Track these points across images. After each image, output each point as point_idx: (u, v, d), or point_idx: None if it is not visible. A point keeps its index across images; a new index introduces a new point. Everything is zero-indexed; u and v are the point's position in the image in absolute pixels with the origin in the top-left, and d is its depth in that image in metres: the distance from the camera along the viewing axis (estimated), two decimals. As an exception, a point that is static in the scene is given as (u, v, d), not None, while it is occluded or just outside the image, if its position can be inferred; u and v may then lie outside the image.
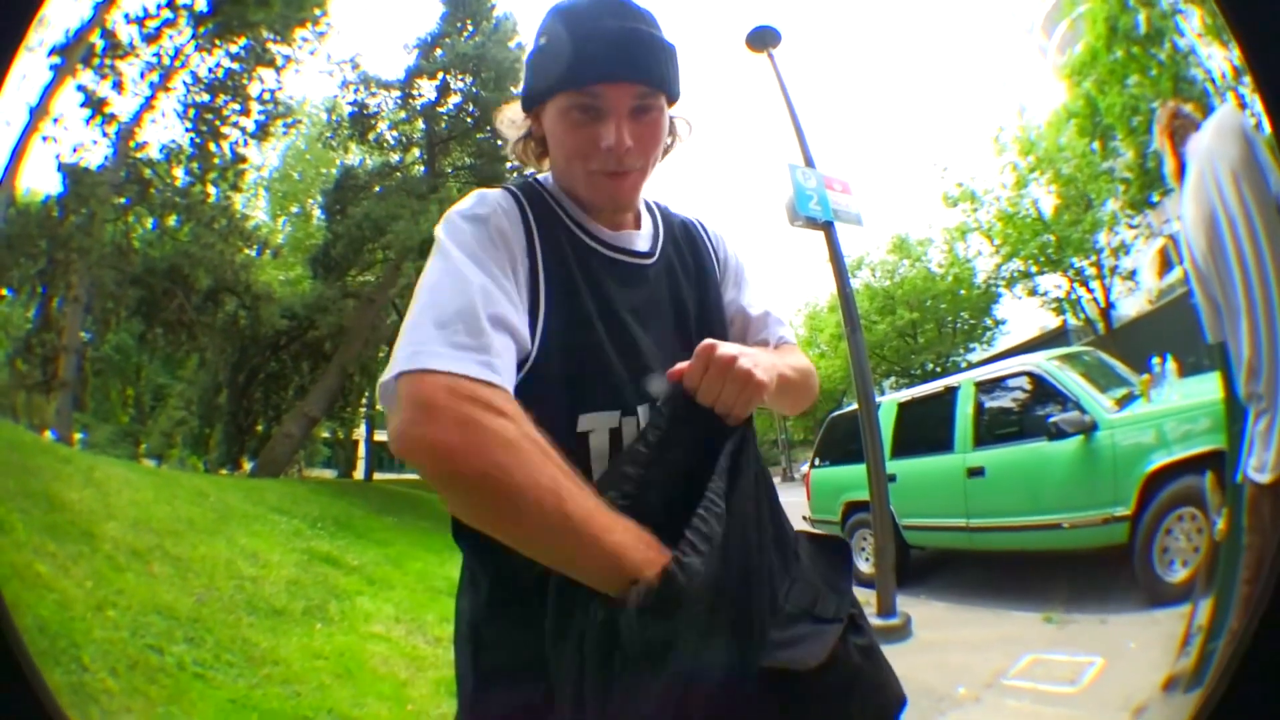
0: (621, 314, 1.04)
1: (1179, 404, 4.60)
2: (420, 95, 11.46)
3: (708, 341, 0.95)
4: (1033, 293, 10.63)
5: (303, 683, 3.90)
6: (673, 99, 1.10)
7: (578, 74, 1.01)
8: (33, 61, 8.21)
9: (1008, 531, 5.35)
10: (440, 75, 11.34)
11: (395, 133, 11.60)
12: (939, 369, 11.59)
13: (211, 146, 10.05)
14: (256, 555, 5.51)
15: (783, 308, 1.33)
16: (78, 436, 8.69)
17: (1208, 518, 3.83)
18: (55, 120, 8.70)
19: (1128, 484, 4.54)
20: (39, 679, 0.70)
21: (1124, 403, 4.93)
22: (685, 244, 1.22)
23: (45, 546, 4.33)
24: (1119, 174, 9.29)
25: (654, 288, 1.12)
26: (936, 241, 12.02)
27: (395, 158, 11.63)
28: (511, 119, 1.15)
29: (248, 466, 10.72)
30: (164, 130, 9.82)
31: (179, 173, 9.94)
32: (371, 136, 11.44)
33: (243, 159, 10.45)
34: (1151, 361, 5.27)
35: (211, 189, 10.16)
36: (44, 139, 8.64)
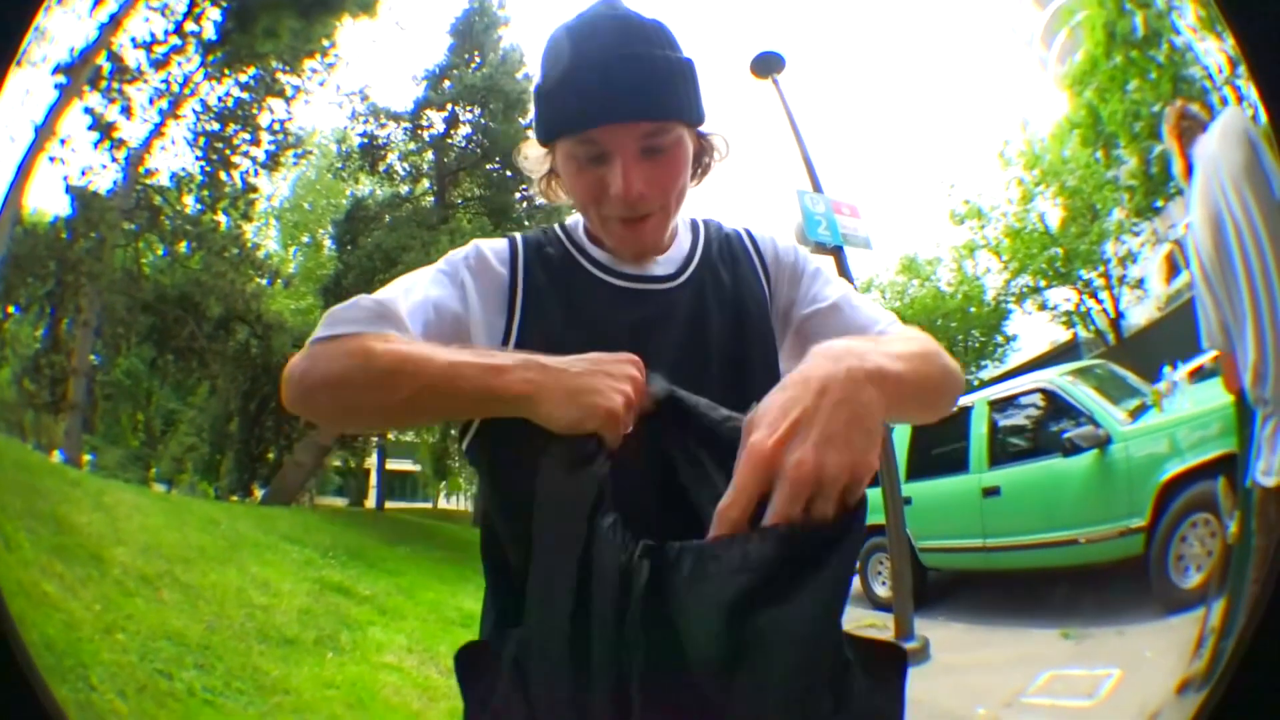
0: (612, 333, 0.94)
1: (1191, 411, 4.60)
2: (429, 126, 11.54)
3: (753, 450, 0.64)
4: (1042, 307, 10.55)
5: (314, 712, 3.91)
6: (694, 124, 1.00)
7: (572, 119, 0.94)
8: (37, 78, 8.27)
9: (1025, 550, 5.33)
10: (449, 107, 11.42)
11: (405, 164, 11.66)
12: (952, 388, 11.52)
13: (222, 175, 10.10)
14: (268, 584, 5.50)
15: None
16: (86, 459, 8.69)
17: (1220, 522, 3.81)
18: (62, 141, 8.72)
19: (1143, 495, 4.53)
20: (48, 695, 0.69)
21: (1137, 414, 4.94)
22: (727, 262, 1.10)
23: (53, 567, 4.34)
24: (1123, 182, 9.28)
25: (667, 308, 1.02)
26: (945, 260, 11.99)
27: (405, 189, 11.69)
28: (530, 156, 1.08)
29: (259, 494, 10.74)
30: (174, 157, 9.88)
31: (189, 200, 9.99)
32: (381, 167, 11.49)
33: (253, 188, 10.51)
34: (1163, 370, 5.26)
35: (222, 218, 10.22)
36: (51, 160, 8.65)
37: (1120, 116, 8.78)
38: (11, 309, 9.39)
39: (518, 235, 1.08)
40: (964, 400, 6.18)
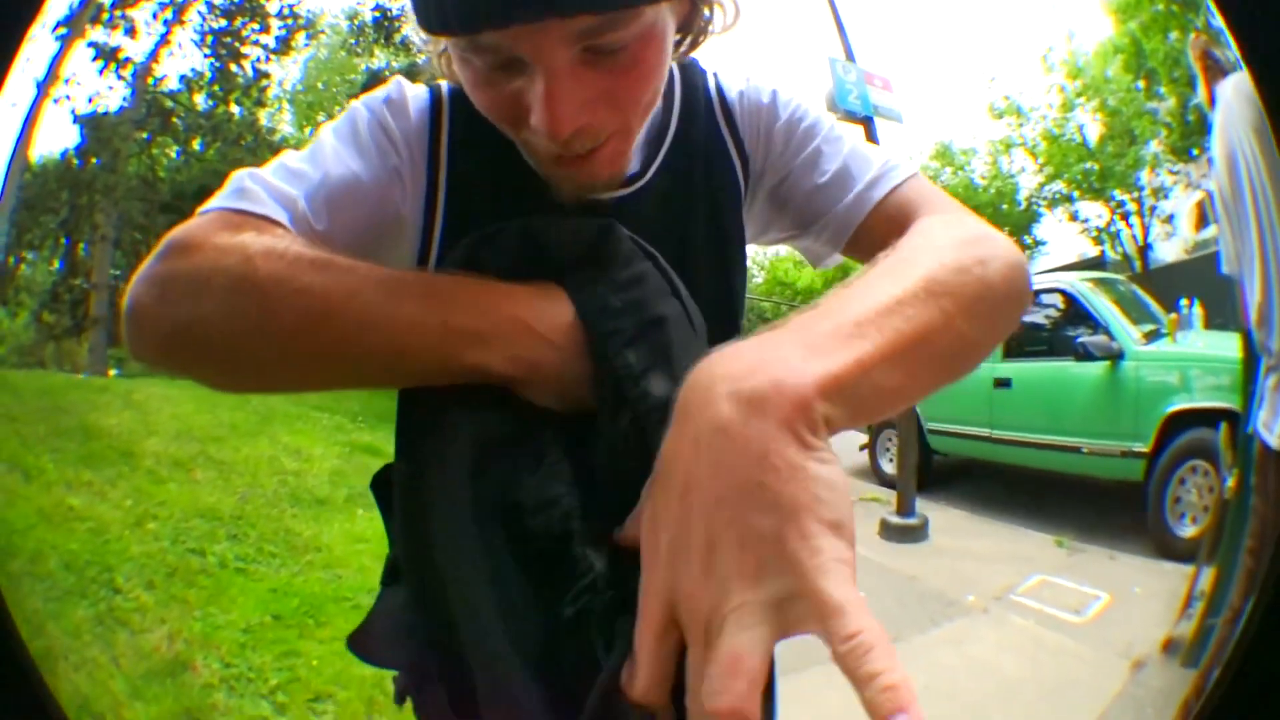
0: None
1: (1204, 352, 4.58)
2: (446, -8, 11.14)
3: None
4: (1073, 218, 10.44)
5: (344, 566, 4.06)
6: None
7: (450, 14, 0.52)
8: (38, 40, 8.06)
9: (1029, 448, 5.43)
10: (467, -31, 10.96)
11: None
12: (976, 281, 11.49)
13: (232, 68, 9.84)
14: (299, 451, 5.62)
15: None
16: (112, 372, 8.73)
17: (1218, 474, 3.83)
18: (66, 81, 8.52)
19: (1148, 421, 4.56)
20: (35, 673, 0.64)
21: (1151, 338, 4.92)
22: (698, 145, 0.76)
23: (80, 478, 4.45)
24: (1161, 118, 9.02)
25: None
26: (980, 153, 11.69)
27: (422, 59, 11.38)
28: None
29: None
30: (182, 61, 9.65)
31: (200, 99, 9.78)
32: (397, 39, 11.15)
33: (265, 75, 10.25)
34: (1179, 303, 5.17)
35: (235, 108, 10.02)
36: (55, 101, 8.46)
37: (1161, 56, 8.48)
38: (26, 254, 9.36)
39: (444, 88, 0.74)
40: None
